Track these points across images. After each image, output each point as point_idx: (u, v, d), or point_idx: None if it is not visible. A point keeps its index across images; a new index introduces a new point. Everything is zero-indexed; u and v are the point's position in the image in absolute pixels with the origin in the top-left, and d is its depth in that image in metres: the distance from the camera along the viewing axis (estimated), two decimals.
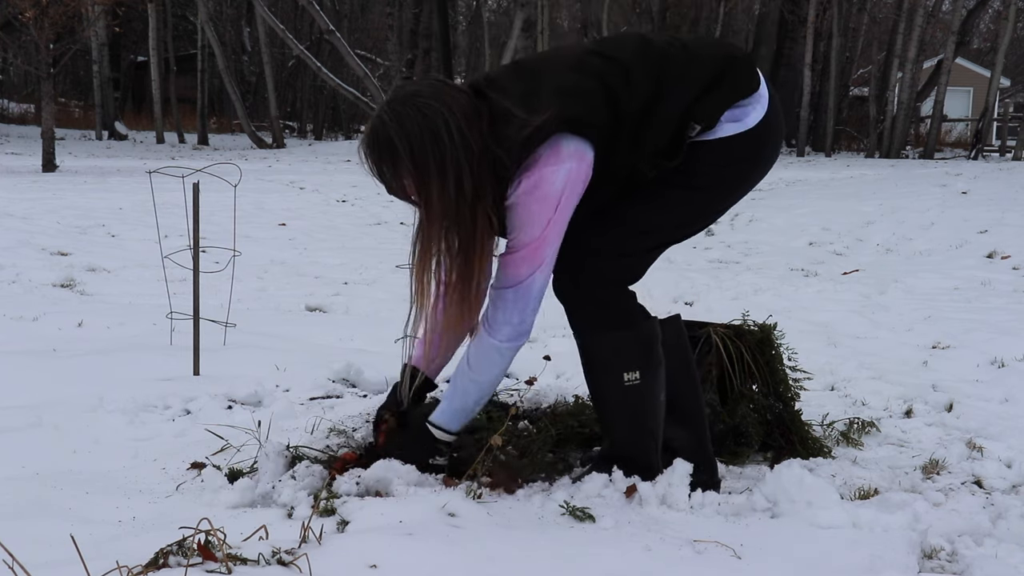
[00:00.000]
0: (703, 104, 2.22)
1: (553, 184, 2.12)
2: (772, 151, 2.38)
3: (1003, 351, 4.16)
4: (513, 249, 2.20)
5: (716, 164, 2.28)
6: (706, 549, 1.99)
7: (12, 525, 2.00)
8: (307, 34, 30.23)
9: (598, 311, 2.31)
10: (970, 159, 22.68)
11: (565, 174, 2.13)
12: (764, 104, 2.31)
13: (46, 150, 13.98)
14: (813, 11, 24.65)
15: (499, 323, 2.24)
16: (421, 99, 2.10)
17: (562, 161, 2.12)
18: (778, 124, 2.36)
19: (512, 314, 2.23)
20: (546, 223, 2.15)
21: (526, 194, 2.13)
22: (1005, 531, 2.21)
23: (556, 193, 2.13)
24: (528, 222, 2.16)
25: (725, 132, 2.26)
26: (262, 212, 9.63)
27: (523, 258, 2.18)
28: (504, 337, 2.24)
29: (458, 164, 2.08)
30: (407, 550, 1.86)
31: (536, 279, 2.20)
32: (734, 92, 2.26)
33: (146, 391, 3.11)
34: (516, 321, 2.24)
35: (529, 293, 2.21)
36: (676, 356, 2.43)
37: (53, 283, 5.58)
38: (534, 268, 2.19)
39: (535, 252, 2.18)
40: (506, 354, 2.27)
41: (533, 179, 2.12)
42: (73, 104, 33.08)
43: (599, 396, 2.38)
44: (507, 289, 2.22)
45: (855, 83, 31.21)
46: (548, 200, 2.13)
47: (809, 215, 9.99)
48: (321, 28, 18.08)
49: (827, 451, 2.80)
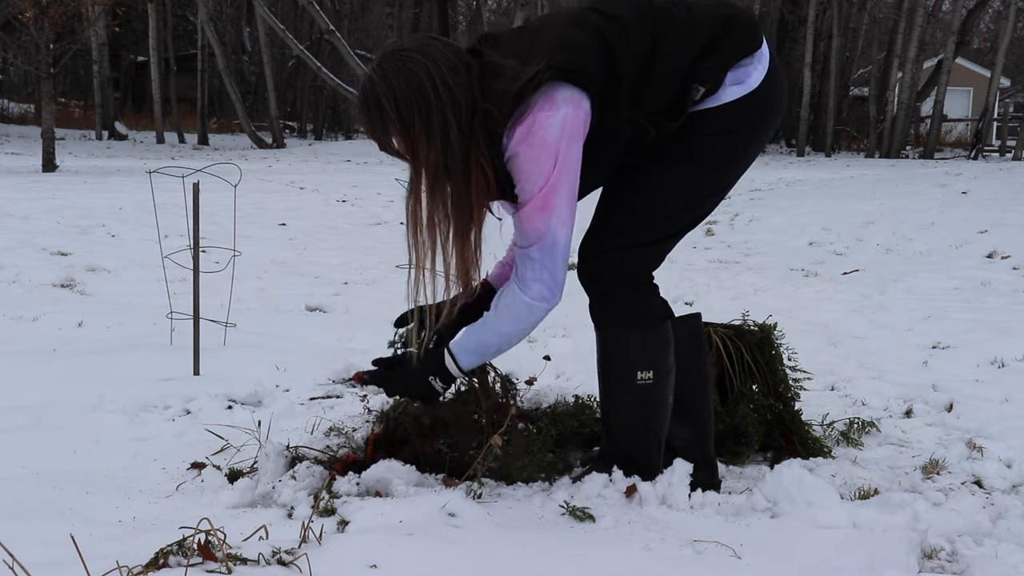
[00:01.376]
0: (705, 63, 2.18)
1: (548, 129, 2.08)
2: (777, 110, 2.33)
3: (1003, 351, 4.16)
4: (523, 204, 2.16)
5: (723, 131, 2.24)
6: (706, 549, 1.99)
7: (12, 525, 2.00)
8: (307, 34, 30.23)
9: (618, 307, 2.30)
10: (970, 159, 22.68)
11: (561, 119, 2.09)
12: (765, 63, 2.27)
13: (46, 150, 13.98)
14: (813, 11, 24.66)
15: (529, 280, 2.20)
16: (406, 53, 2.10)
17: (557, 107, 2.09)
18: (780, 83, 2.32)
19: (542, 272, 2.18)
20: (549, 170, 2.10)
21: (521, 142, 2.10)
22: (1005, 531, 2.21)
23: (553, 138, 2.08)
24: (530, 171, 2.12)
25: (730, 96, 2.22)
26: (262, 212, 9.62)
27: (534, 210, 2.14)
28: (535, 296, 2.20)
29: (444, 118, 2.07)
30: (407, 550, 1.87)
31: (557, 233, 2.15)
32: (735, 50, 2.22)
33: (146, 391, 3.11)
34: (547, 278, 2.19)
35: (555, 249, 2.17)
36: (692, 354, 2.42)
37: (53, 283, 5.58)
38: (548, 219, 2.14)
39: (544, 202, 2.12)
40: (535, 312, 2.22)
41: (527, 125, 2.08)
42: (73, 104, 33.07)
43: (609, 391, 2.37)
44: (531, 247, 2.18)
45: (855, 83, 31.22)
46: (545, 145, 2.09)
47: (809, 215, 9.99)
48: (321, 28, 18.08)
49: (827, 451, 2.80)
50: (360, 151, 22.08)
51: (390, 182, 12.55)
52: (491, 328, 2.28)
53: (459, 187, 2.14)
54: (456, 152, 2.10)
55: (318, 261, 7.12)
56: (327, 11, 24.16)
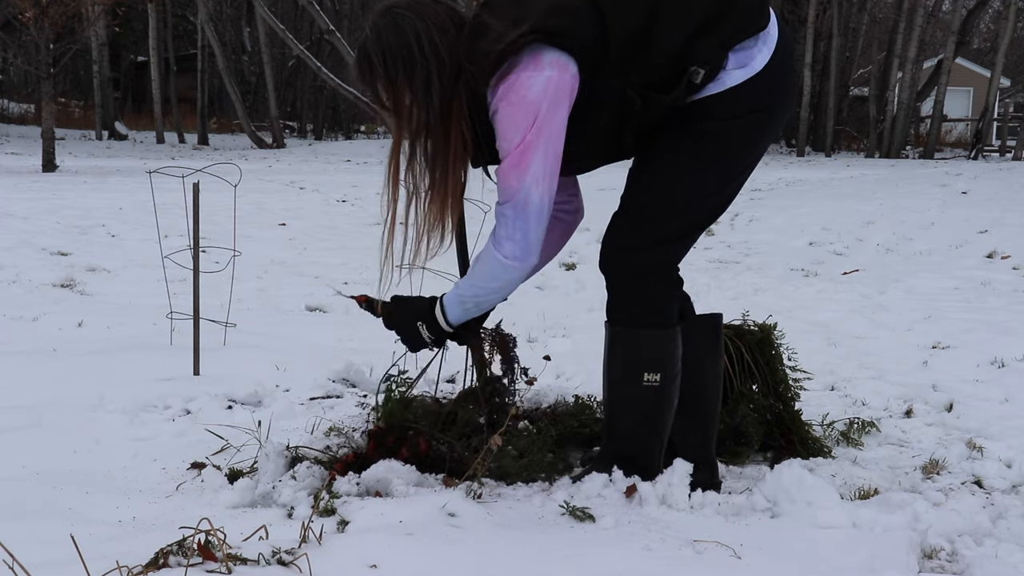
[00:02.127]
0: (702, 43, 2.14)
1: (530, 89, 2.08)
2: (786, 96, 2.29)
3: (1003, 351, 4.16)
4: (501, 160, 2.18)
5: (728, 117, 2.21)
6: (706, 549, 1.99)
7: (12, 525, 2.00)
8: (307, 34, 30.23)
9: (631, 306, 2.29)
10: (970, 159, 22.68)
11: (544, 81, 2.08)
12: (772, 45, 2.22)
13: (46, 150, 13.98)
14: (813, 11, 24.65)
15: (502, 238, 2.21)
16: (397, 10, 2.16)
17: (541, 68, 2.09)
18: (787, 65, 2.27)
19: (514, 230, 2.19)
20: (526, 128, 2.10)
21: (502, 99, 2.11)
22: (1005, 531, 2.21)
23: (534, 98, 2.08)
24: (507, 128, 2.12)
25: (733, 80, 2.18)
26: (262, 212, 9.62)
27: (509, 167, 2.15)
28: (507, 254, 2.21)
29: (427, 74, 2.11)
30: (407, 550, 1.87)
31: (531, 192, 2.15)
32: (735, 31, 2.17)
33: (146, 391, 3.11)
34: (519, 238, 2.19)
35: (527, 208, 2.16)
36: (708, 353, 2.42)
37: (53, 283, 5.58)
38: (523, 177, 2.14)
39: (519, 159, 2.13)
40: (509, 270, 2.23)
41: (509, 83, 2.10)
42: (73, 104, 33.07)
43: (614, 390, 2.36)
44: (505, 205, 2.19)
45: (855, 83, 31.21)
46: (525, 105, 2.09)
47: (809, 215, 9.98)
48: (321, 28, 18.07)
49: (827, 451, 2.79)
50: (360, 151, 22.08)
51: None
52: (470, 282, 2.31)
53: (439, 144, 2.18)
54: (437, 108, 2.14)
55: (318, 261, 7.11)
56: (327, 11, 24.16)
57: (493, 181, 2.27)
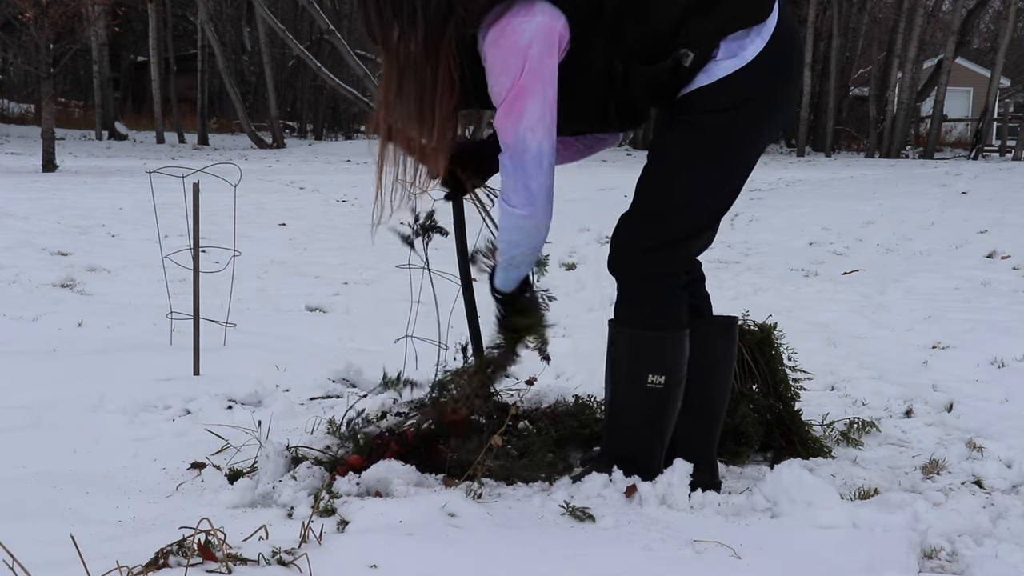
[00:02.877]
0: (698, 22, 2.13)
1: (521, 33, 2.10)
2: (783, 85, 2.25)
3: (1003, 351, 4.15)
4: (496, 108, 2.18)
5: (719, 110, 2.19)
6: (706, 549, 1.99)
7: (12, 525, 2.00)
8: (307, 34, 30.21)
9: (639, 308, 2.29)
10: (970, 159, 22.69)
11: (535, 26, 2.10)
12: (767, 35, 2.19)
13: (46, 150, 13.98)
14: (813, 11, 24.67)
15: (507, 189, 2.22)
16: None
17: (532, 14, 2.11)
18: (785, 55, 2.22)
19: (515, 180, 2.19)
20: (517, 73, 2.11)
21: (493, 44, 2.13)
22: (1005, 531, 2.21)
23: (524, 43, 2.10)
24: (499, 73, 2.14)
25: (723, 71, 2.17)
26: (262, 212, 9.62)
27: (504, 114, 2.15)
28: (514, 203, 2.21)
29: (414, 10, 2.12)
30: (407, 550, 1.86)
31: (527, 139, 2.15)
32: (734, 17, 2.15)
33: (146, 391, 3.11)
34: (520, 187, 2.19)
35: (524, 156, 2.17)
36: (722, 354, 2.42)
37: (53, 283, 5.58)
38: (517, 124, 2.15)
39: (512, 106, 2.13)
40: (519, 220, 2.22)
41: (499, 27, 2.11)
42: (73, 104, 33.06)
43: (618, 390, 2.35)
44: (504, 155, 2.20)
45: (855, 83, 31.21)
46: (516, 49, 2.11)
47: (809, 215, 9.98)
48: (321, 28, 18.07)
49: (827, 451, 2.79)
50: (360, 151, 22.07)
51: None
52: (500, 241, 2.32)
53: (425, 80, 2.18)
54: (421, 42, 2.14)
55: (318, 261, 7.12)
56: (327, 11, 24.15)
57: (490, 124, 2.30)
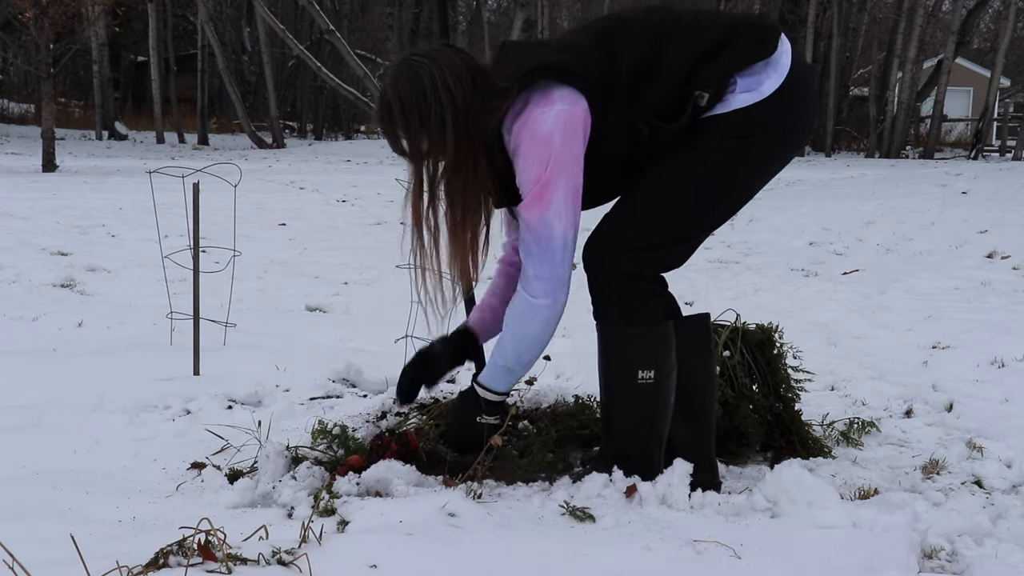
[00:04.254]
0: (707, 69, 2.18)
1: (543, 124, 2.15)
2: (796, 122, 2.29)
3: (1003, 351, 4.15)
4: (523, 198, 2.22)
5: (730, 137, 2.22)
6: (706, 549, 1.99)
7: (12, 525, 2.00)
8: (307, 34, 30.20)
9: (618, 306, 2.30)
10: (970, 159, 22.69)
11: (555, 115, 2.15)
12: (783, 71, 2.24)
13: (46, 150, 13.98)
14: (813, 11, 24.66)
15: (529, 278, 2.25)
16: (416, 58, 2.23)
17: (552, 103, 2.16)
18: (801, 93, 2.27)
19: (540, 267, 2.22)
20: (544, 165, 2.16)
21: (517, 136, 2.18)
22: (1005, 531, 2.21)
23: (546, 132, 2.15)
24: (526, 164, 2.19)
25: (739, 103, 2.21)
26: (262, 212, 9.62)
27: (532, 203, 2.19)
28: (536, 292, 2.24)
29: (442, 120, 2.17)
30: (407, 550, 1.86)
31: (554, 227, 2.19)
32: (739, 57, 2.20)
33: (146, 391, 3.11)
34: (546, 274, 2.22)
35: (551, 244, 2.20)
36: (699, 353, 2.43)
37: (53, 283, 5.58)
38: (545, 212, 2.18)
39: (540, 195, 2.18)
40: (541, 311, 2.25)
41: (522, 120, 2.17)
42: (73, 104, 33.05)
43: (610, 390, 2.36)
44: (530, 241, 2.22)
45: (855, 83, 31.20)
46: (540, 139, 2.15)
47: (809, 215, 9.99)
48: (321, 28, 18.07)
49: (827, 451, 2.80)
50: (360, 151, 22.08)
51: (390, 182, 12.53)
52: (508, 339, 2.32)
53: (456, 188, 2.24)
54: (451, 152, 2.19)
55: (318, 261, 7.12)
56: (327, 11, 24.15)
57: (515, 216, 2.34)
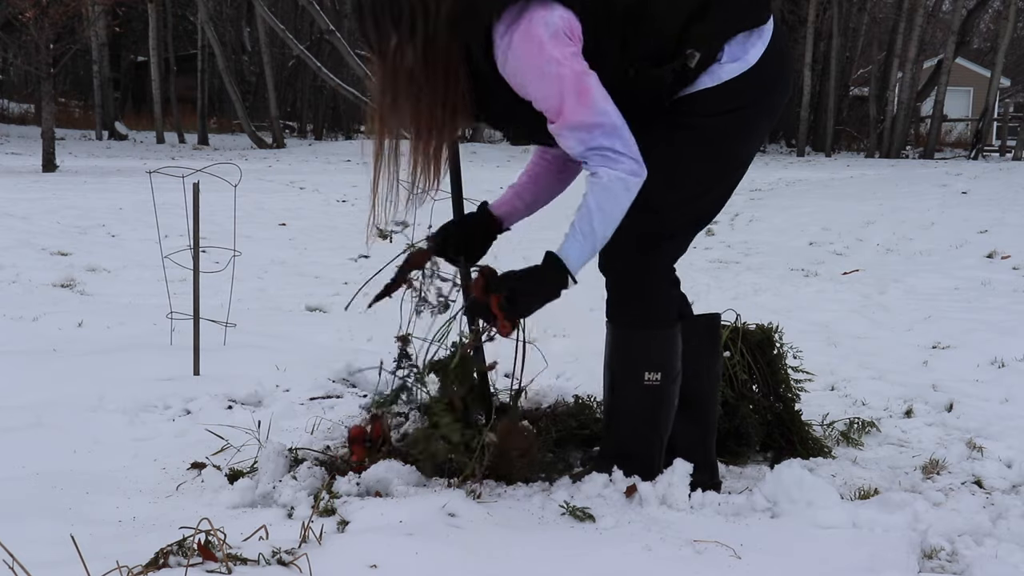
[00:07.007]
0: (698, 28, 2.15)
1: (547, 26, 2.05)
2: (780, 89, 2.29)
3: (1003, 351, 4.16)
4: (552, 121, 2.12)
5: (723, 112, 2.21)
6: (706, 549, 1.99)
7: (12, 525, 2.00)
8: (307, 34, 30.21)
9: (630, 307, 2.29)
10: (970, 159, 22.69)
11: (558, 19, 2.06)
12: (767, 38, 2.22)
13: (46, 150, 13.98)
14: (813, 11, 24.67)
15: (614, 162, 2.10)
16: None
17: (552, 9, 2.07)
18: (782, 60, 2.27)
19: (622, 147, 2.10)
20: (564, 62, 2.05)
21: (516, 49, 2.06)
22: (1005, 531, 2.21)
23: (556, 30, 2.05)
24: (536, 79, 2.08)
25: (728, 74, 2.19)
26: (262, 212, 9.62)
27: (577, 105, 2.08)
28: (628, 170, 2.10)
29: (413, 21, 2.06)
30: (407, 550, 1.86)
31: (608, 112, 2.08)
32: (731, 20, 2.17)
33: (146, 391, 3.11)
34: (629, 151, 2.10)
35: (616, 125, 2.09)
36: (707, 353, 2.42)
37: (53, 283, 5.58)
38: (594, 106, 2.07)
39: (578, 97, 2.07)
40: (634, 186, 2.12)
41: (522, 31, 2.06)
42: (73, 104, 33.05)
43: (615, 389, 2.36)
44: (601, 137, 2.09)
45: (855, 83, 31.21)
46: (553, 43, 2.04)
47: (809, 215, 9.99)
48: (321, 28, 18.07)
49: (827, 451, 2.80)
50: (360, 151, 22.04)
51: None
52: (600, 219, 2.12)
53: (420, 96, 2.13)
54: (420, 52, 2.09)
55: (318, 261, 7.12)
56: (327, 11, 24.14)
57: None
